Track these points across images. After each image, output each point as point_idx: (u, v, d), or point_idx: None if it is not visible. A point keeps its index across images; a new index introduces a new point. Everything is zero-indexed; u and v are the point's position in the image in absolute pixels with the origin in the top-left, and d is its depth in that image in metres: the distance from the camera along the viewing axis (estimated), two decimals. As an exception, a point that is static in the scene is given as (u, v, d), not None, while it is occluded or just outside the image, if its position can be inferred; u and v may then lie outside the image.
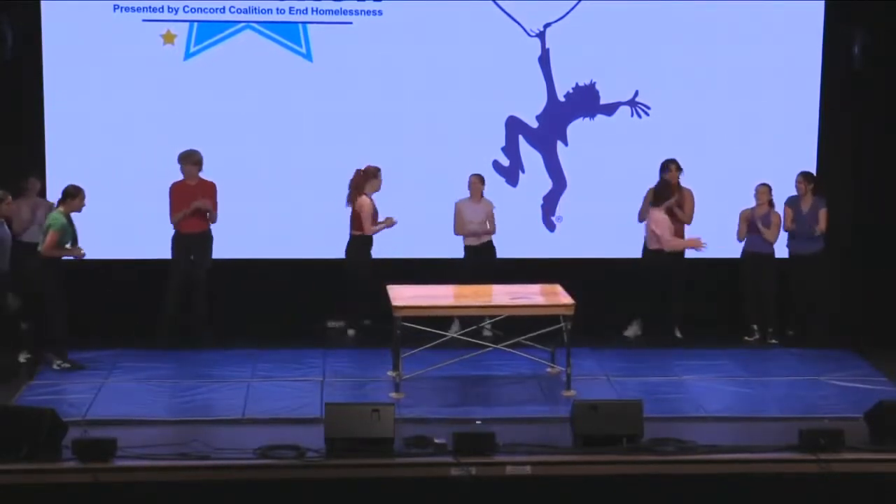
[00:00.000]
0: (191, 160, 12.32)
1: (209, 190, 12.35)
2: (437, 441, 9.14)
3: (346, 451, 8.96)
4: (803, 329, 12.69)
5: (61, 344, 11.41)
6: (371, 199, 12.52)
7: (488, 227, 12.77)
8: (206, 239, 12.38)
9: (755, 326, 12.77)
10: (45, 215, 12.06)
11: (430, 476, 8.90)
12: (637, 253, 12.74)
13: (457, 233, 12.76)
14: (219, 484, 8.79)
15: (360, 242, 12.55)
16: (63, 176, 12.39)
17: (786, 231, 12.74)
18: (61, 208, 11.40)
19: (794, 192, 12.75)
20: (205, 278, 12.32)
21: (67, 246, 11.33)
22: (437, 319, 11.46)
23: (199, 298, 12.34)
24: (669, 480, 8.98)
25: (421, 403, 10.47)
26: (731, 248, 12.86)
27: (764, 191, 12.66)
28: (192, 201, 12.23)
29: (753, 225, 12.66)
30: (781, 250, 12.84)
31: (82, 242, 11.44)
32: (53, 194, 12.36)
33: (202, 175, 12.41)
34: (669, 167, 12.63)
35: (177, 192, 12.31)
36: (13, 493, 8.59)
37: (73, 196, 11.42)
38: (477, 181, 12.76)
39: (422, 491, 8.89)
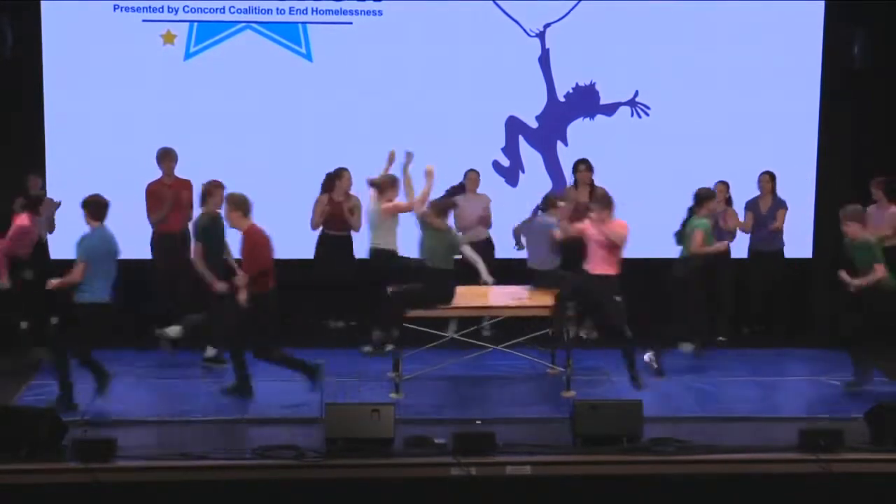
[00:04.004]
0: (169, 157, 12.26)
1: (188, 187, 12.19)
2: (437, 441, 9.13)
3: (345, 451, 8.96)
4: (767, 327, 12.83)
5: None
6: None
7: (483, 218, 12.72)
8: (186, 238, 12.26)
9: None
10: (51, 212, 12.06)
11: (430, 476, 8.90)
12: (637, 253, 12.71)
13: (456, 228, 12.71)
14: (219, 484, 8.78)
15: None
16: (63, 176, 12.42)
17: (744, 232, 12.75)
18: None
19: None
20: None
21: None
22: (436, 319, 11.46)
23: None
24: (669, 480, 8.97)
25: (421, 403, 10.48)
26: (736, 249, 12.85)
27: (722, 189, 12.64)
28: (170, 200, 12.10)
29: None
30: (740, 250, 12.84)
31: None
32: (53, 194, 12.39)
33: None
34: (579, 167, 12.61)
35: (154, 191, 12.20)
36: (13, 493, 8.59)
37: (210, 194, 11.10)
38: (474, 176, 12.75)
39: (422, 491, 8.89)
